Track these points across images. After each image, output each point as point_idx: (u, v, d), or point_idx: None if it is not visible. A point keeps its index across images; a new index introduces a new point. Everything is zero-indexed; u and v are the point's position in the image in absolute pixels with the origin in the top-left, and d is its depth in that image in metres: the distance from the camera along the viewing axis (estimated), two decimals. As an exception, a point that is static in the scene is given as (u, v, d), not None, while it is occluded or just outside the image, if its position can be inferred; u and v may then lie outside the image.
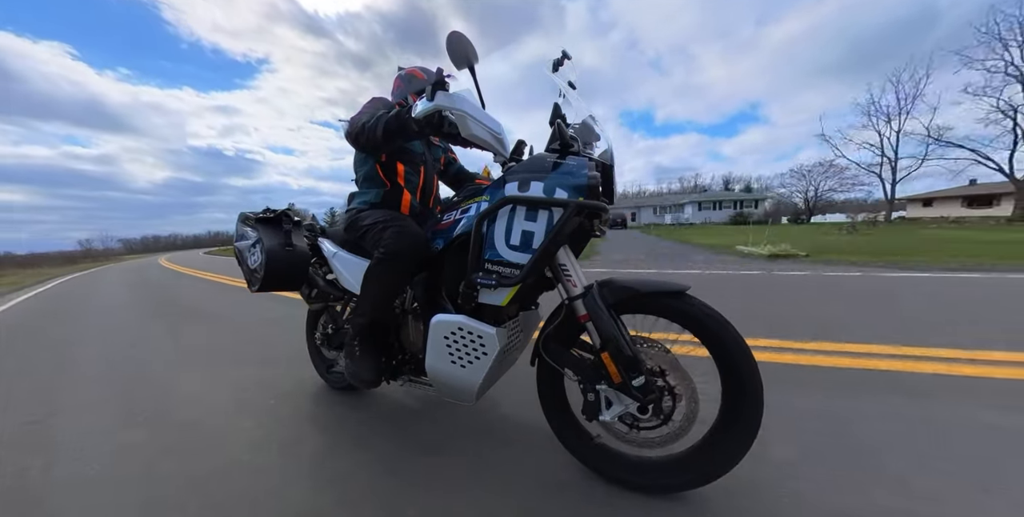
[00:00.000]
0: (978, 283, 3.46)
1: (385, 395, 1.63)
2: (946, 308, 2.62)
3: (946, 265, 4.59)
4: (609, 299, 0.93)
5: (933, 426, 1.18)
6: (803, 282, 3.89)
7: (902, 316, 2.42)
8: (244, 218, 1.59)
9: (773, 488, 0.94)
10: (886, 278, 3.92)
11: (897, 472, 0.98)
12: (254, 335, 2.77)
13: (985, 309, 2.55)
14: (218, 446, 1.28)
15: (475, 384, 1.05)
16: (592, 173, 0.89)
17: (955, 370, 1.57)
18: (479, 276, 0.96)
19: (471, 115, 0.94)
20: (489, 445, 1.20)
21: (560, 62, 1.03)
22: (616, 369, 0.90)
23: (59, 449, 1.30)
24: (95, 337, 3.00)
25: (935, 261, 4.89)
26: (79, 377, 2.06)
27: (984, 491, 0.91)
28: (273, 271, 1.42)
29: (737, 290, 3.60)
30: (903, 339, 1.94)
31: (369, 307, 1.22)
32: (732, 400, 0.86)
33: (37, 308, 4.89)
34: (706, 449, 0.90)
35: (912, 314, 2.46)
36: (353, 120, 1.16)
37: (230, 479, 1.09)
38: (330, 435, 1.32)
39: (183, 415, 1.53)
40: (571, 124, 1.03)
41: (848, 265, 5.00)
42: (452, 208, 1.18)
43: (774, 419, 0.99)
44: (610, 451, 1.02)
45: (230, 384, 1.84)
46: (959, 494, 0.90)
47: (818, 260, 5.58)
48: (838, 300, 3.00)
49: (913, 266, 4.63)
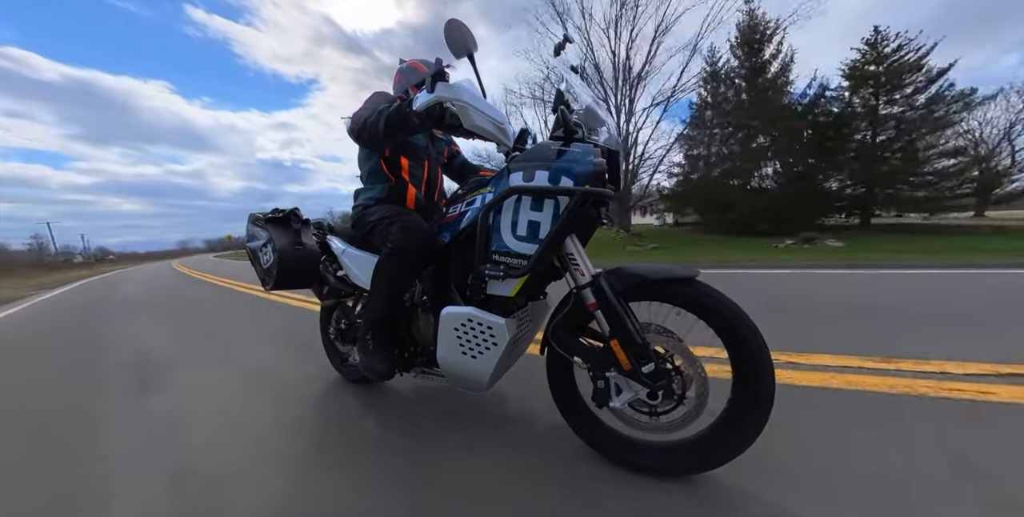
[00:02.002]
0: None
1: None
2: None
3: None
4: (617, 287, 0.93)
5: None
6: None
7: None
8: (254, 219, 1.62)
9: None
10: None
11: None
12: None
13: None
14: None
15: (486, 374, 1.06)
16: (598, 160, 0.88)
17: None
18: (487, 267, 0.97)
19: (472, 105, 0.93)
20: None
21: (562, 46, 1.00)
22: (625, 356, 0.90)
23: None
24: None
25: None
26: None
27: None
28: (285, 270, 1.45)
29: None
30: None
31: (380, 302, 1.24)
32: (743, 391, 0.85)
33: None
34: (715, 435, 0.89)
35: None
36: (355, 116, 1.16)
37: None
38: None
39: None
40: (575, 110, 1.02)
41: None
42: (457, 201, 1.18)
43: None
44: (621, 436, 1.03)
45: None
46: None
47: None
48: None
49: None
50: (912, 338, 1.75)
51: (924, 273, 3.58)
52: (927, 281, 3.20)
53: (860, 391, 1.30)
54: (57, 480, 1.13)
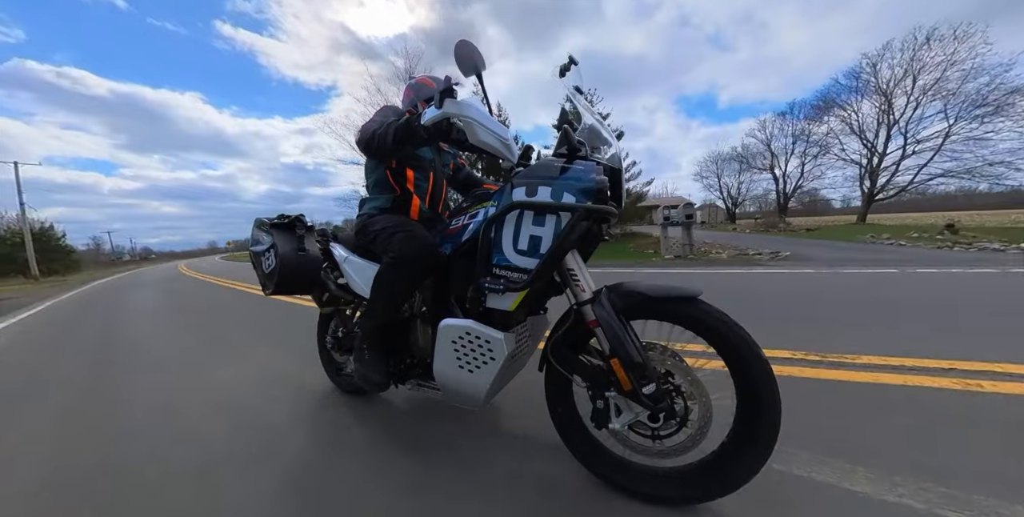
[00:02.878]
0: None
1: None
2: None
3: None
4: (618, 304, 0.92)
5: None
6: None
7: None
8: (259, 224, 1.64)
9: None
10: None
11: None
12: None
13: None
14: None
15: (483, 389, 1.04)
16: (600, 177, 0.89)
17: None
18: (487, 281, 0.96)
19: (478, 121, 0.94)
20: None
21: (567, 67, 1.03)
22: (626, 376, 0.88)
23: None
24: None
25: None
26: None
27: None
28: (286, 275, 1.46)
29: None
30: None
31: (379, 311, 1.23)
32: (746, 414, 0.83)
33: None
34: (719, 463, 0.86)
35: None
36: (364, 128, 1.19)
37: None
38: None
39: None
40: (578, 128, 1.03)
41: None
42: (460, 213, 1.18)
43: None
44: (620, 460, 1.00)
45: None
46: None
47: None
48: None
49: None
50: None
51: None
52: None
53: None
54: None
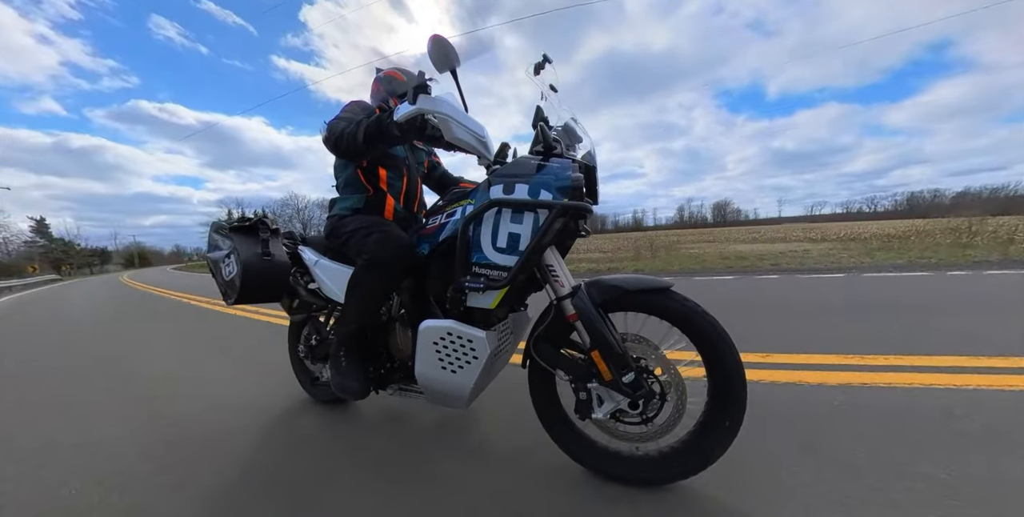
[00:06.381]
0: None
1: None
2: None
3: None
4: (597, 298, 0.95)
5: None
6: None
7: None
8: (217, 227, 1.50)
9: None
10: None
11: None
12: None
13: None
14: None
15: (467, 389, 1.03)
16: (576, 175, 0.91)
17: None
18: (467, 280, 0.96)
19: (454, 118, 0.93)
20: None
21: (541, 65, 1.04)
22: (606, 367, 0.91)
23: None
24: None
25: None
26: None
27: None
28: (250, 282, 1.35)
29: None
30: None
31: (354, 315, 1.19)
32: (717, 395, 0.89)
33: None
34: (692, 444, 0.92)
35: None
36: (331, 126, 1.13)
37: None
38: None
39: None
40: (554, 126, 1.05)
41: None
42: (437, 212, 1.17)
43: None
44: (603, 449, 1.03)
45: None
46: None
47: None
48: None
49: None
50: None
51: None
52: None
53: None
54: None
